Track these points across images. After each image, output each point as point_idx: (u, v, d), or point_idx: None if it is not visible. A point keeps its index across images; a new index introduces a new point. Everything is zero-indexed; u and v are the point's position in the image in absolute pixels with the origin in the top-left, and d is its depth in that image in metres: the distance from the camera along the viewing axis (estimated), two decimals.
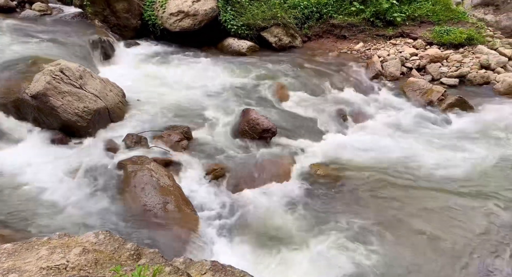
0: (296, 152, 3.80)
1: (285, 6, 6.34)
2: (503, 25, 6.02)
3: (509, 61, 5.38)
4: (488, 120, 4.20)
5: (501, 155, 3.52)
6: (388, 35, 6.22)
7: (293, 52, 6.19)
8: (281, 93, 4.85)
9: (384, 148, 3.80)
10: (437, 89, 4.78)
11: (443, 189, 3.14)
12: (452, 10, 6.25)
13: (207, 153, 3.50)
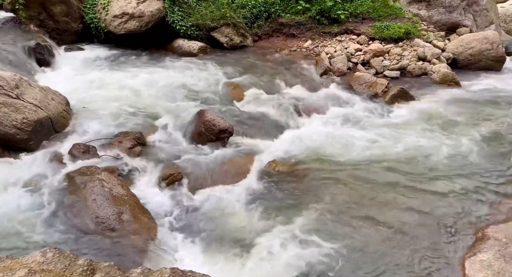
0: (254, 150, 3.82)
1: (234, 6, 6.35)
2: (434, 20, 6.53)
3: (442, 53, 5.84)
4: (427, 108, 4.53)
5: (440, 141, 3.81)
6: (333, 32, 6.48)
7: (245, 51, 6.23)
8: (236, 92, 4.86)
9: (337, 140, 3.95)
10: (381, 82, 5.06)
11: (394, 177, 3.33)
12: (390, 6, 6.65)
13: (163, 158, 3.41)
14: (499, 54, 5.57)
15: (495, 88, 4.98)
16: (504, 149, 3.62)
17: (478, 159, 3.51)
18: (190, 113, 4.05)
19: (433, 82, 5.27)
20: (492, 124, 4.06)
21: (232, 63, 5.56)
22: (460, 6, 6.35)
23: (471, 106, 4.50)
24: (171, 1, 6.01)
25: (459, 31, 6.34)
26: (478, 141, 3.76)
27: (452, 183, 3.16)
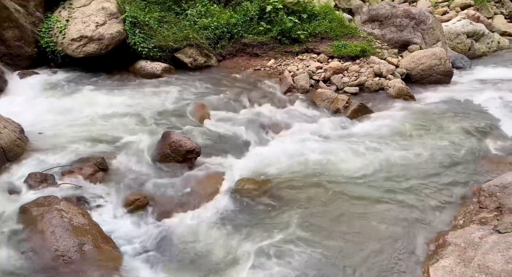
0: (223, 169, 3.80)
1: (196, 27, 6.41)
2: (387, 38, 6.97)
3: (396, 69, 6.21)
4: (385, 121, 4.75)
5: (398, 152, 4.00)
6: (295, 51, 6.70)
7: (210, 71, 6.27)
8: (202, 112, 4.85)
9: (303, 155, 4.03)
10: (341, 98, 5.26)
11: (358, 188, 3.44)
12: (346, 26, 7.02)
13: (127, 183, 3.30)
14: (447, 68, 6.03)
15: (445, 100, 5.35)
16: (457, 157, 3.86)
17: (433, 167, 3.71)
18: (155, 135, 3.97)
19: (389, 96, 5.56)
20: (444, 133, 4.32)
21: (197, 83, 5.57)
22: (409, 25, 6.85)
23: (425, 118, 4.78)
24: (132, 24, 5.96)
25: (410, 48, 6.79)
26: (433, 150, 3.99)
27: (412, 192, 3.31)
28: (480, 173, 3.59)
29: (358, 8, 8.36)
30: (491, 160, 3.82)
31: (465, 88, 5.84)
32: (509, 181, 2.84)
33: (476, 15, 8.15)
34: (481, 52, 7.46)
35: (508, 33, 8.56)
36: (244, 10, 6.67)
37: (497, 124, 4.61)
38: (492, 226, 2.46)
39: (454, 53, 7.09)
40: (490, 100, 5.18)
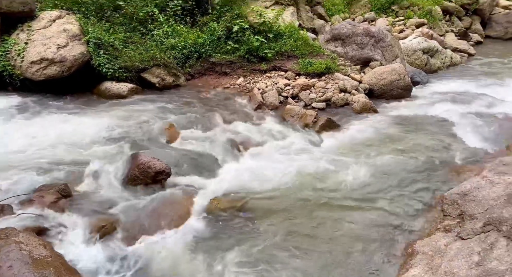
0: (194, 189, 3.74)
1: (163, 47, 6.40)
2: (350, 55, 7.30)
3: (360, 84, 6.49)
4: (351, 134, 4.91)
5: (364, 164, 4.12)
6: (263, 69, 6.84)
7: (178, 90, 6.24)
8: (171, 132, 4.78)
9: (275, 171, 4.05)
10: (310, 113, 5.39)
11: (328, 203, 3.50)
12: (311, 45, 7.28)
13: (93, 209, 3.16)
14: (406, 83, 6.37)
15: (406, 113, 5.63)
16: (420, 168, 4.04)
17: (398, 178, 3.85)
18: (122, 158, 3.86)
19: (354, 111, 5.77)
20: (407, 145, 4.53)
21: (165, 103, 5.51)
22: (369, 43, 7.22)
23: (389, 131, 4.99)
24: (96, 45, 5.87)
25: (371, 65, 7.14)
26: (397, 161, 4.15)
27: (379, 204, 3.41)
28: (442, 182, 3.76)
29: (321, 28, 8.73)
30: (452, 169, 4.03)
31: (424, 101, 6.18)
32: (468, 189, 3.00)
33: (429, 33, 8.75)
34: (437, 67, 7.98)
35: (459, 49, 9.25)
36: (211, 30, 6.77)
37: (455, 134, 4.89)
38: (455, 233, 2.57)
39: (412, 68, 7.53)
40: (448, 112, 5.52)
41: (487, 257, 2.17)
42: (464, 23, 10.60)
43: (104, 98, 5.67)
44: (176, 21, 6.91)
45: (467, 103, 5.94)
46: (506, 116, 5.33)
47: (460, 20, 10.60)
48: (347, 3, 9.96)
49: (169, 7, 6.98)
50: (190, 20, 7.07)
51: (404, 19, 9.56)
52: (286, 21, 7.71)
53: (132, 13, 6.62)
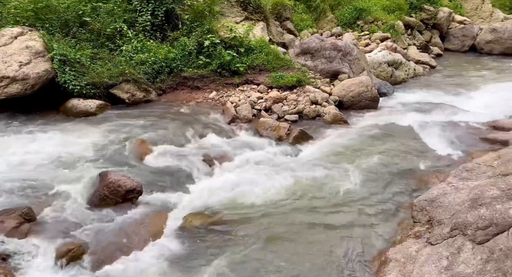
0: (167, 207, 3.66)
1: (133, 63, 6.31)
2: (319, 69, 7.51)
3: (330, 96, 6.66)
4: (323, 145, 5.01)
5: (336, 174, 4.20)
6: (236, 83, 6.88)
7: (150, 106, 6.14)
8: (142, 148, 4.68)
9: (249, 185, 4.05)
10: (283, 126, 5.46)
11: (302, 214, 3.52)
12: (282, 58, 7.43)
13: (59, 233, 3.00)
14: (373, 94, 6.62)
15: (375, 124, 5.80)
16: (390, 176, 4.16)
17: (370, 187, 3.95)
18: (90, 177, 3.72)
19: (326, 122, 5.90)
20: (377, 155, 4.66)
21: (136, 119, 5.40)
22: (337, 57, 7.47)
23: (359, 141, 5.13)
24: (61, 62, 5.68)
25: (340, 77, 7.37)
26: (368, 171, 4.26)
27: (353, 213, 3.47)
28: (412, 190, 3.89)
29: (291, 42, 8.95)
30: (420, 176, 4.19)
31: (391, 112, 6.43)
32: (435, 195, 3.12)
33: (393, 46, 9.19)
34: (401, 79, 8.36)
35: (421, 61, 9.75)
36: (182, 45, 6.76)
37: (421, 143, 5.10)
38: (425, 239, 2.65)
39: (379, 80, 7.84)
40: (414, 121, 5.75)
41: (455, 261, 2.25)
42: (425, 37, 11.24)
43: (71, 116, 5.48)
44: (146, 36, 6.86)
45: (431, 113, 6.24)
46: (467, 124, 5.64)
47: (421, 34, 11.23)
48: (314, 19, 10.31)
49: (138, 22, 6.93)
50: (160, 35, 7.04)
51: (369, 34, 10.00)
52: (256, 36, 7.85)
53: (99, 29, 6.50)
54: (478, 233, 2.37)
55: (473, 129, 5.46)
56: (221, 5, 7.90)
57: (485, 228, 2.35)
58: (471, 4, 13.07)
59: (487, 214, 2.43)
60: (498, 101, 6.56)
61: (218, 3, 7.77)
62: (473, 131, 5.40)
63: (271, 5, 9.00)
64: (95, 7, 6.69)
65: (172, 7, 7.09)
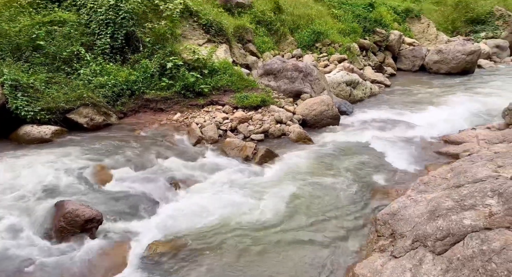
0: (130, 234, 3.50)
1: (91, 86, 6.12)
2: (282, 89, 7.71)
3: (294, 115, 6.83)
4: (290, 163, 5.07)
5: (303, 192, 4.26)
6: (200, 104, 6.87)
7: (110, 129, 5.93)
8: (102, 174, 4.47)
9: (216, 208, 3.97)
10: (249, 145, 5.48)
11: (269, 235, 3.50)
12: (246, 79, 7.56)
13: (9, 270, 2.75)
14: (334, 113, 6.87)
15: (337, 141, 6.01)
16: (353, 192, 4.28)
17: (334, 204, 4.02)
18: (45, 208, 3.49)
19: (291, 140, 6.01)
20: (340, 171, 4.79)
21: (95, 144, 5.18)
22: (299, 77, 7.73)
23: (322, 158, 5.27)
24: (12, 87, 5.39)
25: (302, 97, 7.60)
26: (333, 187, 4.36)
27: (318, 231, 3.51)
28: (375, 204, 4.02)
29: (254, 63, 9.16)
30: (382, 190, 4.34)
31: (352, 129, 6.69)
32: (396, 208, 3.23)
33: (350, 67, 9.68)
34: (359, 98, 8.78)
35: (376, 81, 10.33)
36: (143, 67, 6.69)
37: (381, 158, 5.33)
38: (389, 252, 2.72)
39: (339, 99, 8.17)
40: (373, 138, 6.02)
41: (417, 273, 2.32)
42: (379, 58, 11.98)
43: (24, 143, 5.15)
44: (105, 59, 6.72)
45: (388, 129, 6.57)
46: (421, 139, 5.98)
47: (375, 55, 11.96)
48: (275, 41, 10.66)
49: (96, 45, 6.79)
50: (120, 58, 6.93)
51: (327, 55, 10.49)
52: (220, 57, 7.96)
53: (55, 53, 6.28)
54: (437, 244, 2.47)
55: (427, 144, 5.80)
56: (183, 28, 7.96)
57: (443, 239, 2.46)
58: (418, 28, 14.21)
59: (444, 225, 2.55)
60: (448, 117, 7.06)
61: (180, 26, 7.83)
62: (427, 145, 5.74)
63: (233, 28, 9.21)
64: (50, 31, 6.49)
65: (133, 30, 7.04)
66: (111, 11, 6.89)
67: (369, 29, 12.21)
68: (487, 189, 2.70)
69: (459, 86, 9.86)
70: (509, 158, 3.39)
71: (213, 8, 9.40)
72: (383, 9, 13.26)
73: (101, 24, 6.86)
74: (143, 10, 7.29)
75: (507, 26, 14.45)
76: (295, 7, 11.57)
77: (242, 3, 10.34)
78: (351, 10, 12.75)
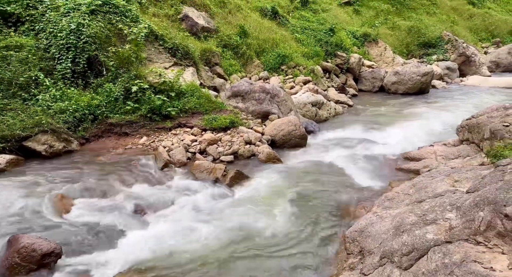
0: (93, 268, 3.30)
1: (51, 112, 5.86)
2: (251, 110, 7.82)
3: (262, 136, 6.89)
4: (260, 184, 5.07)
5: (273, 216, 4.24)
6: (168, 127, 6.77)
7: (71, 156, 5.66)
8: (62, 204, 4.23)
9: (186, 233, 3.88)
10: (219, 167, 5.44)
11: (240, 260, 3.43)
12: (213, 101, 7.58)
13: None
14: (301, 133, 7.02)
15: (305, 160, 6.13)
16: (322, 211, 4.33)
17: (304, 223, 4.04)
18: None
19: (260, 161, 6.04)
20: (309, 190, 4.86)
21: (55, 172, 4.91)
22: (266, 99, 7.89)
23: (292, 178, 5.32)
24: None
25: (270, 118, 7.73)
26: (302, 207, 4.39)
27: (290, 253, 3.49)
28: (343, 222, 4.07)
29: (222, 86, 9.24)
30: (349, 208, 4.42)
31: (319, 148, 6.85)
32: (364, 225, 3.30)
33: (315, 88, 10.04)
34: (325, 117, 9.07)
35: (340, 101, 10.76)
36: (107, 91, 6.53)
37: (347, 176, 5.47)
38: (359, 270, 2.74)
39: (305, 119, 8.39)
40: (339, 156, 6.20)
41: None
42: (341, 79, 12.54)
43: None
44: (66, 84, 6.50)
45: (353, 147, 6.79)
46: (384, 156, 6.23)
47: (338, 77, 12.51)
48: (242, 64, 10.88)
49: (56, 70, 6.58)
50: (82, 82, 6.73)
51: (293, 77, 10.83)
52: (187, 80, 7.96)
53: (10, 78, 6.00)
54: (403, 259, 2.53)
55: (389, 161, 6.04)
56: (148, 52, 7.93)
57: (408, 254, 2.53)
58: (376, 51, 15.11)
59: (408, 240, 2.62)
60: (407, 134, 7.44)
61: (145, 49, 7.80)
62: (389, 162, 5.98)
63: (199, 51, 9.30)
64: (5, 56, 6.21)
65: (96, 54, 6.90)
66: (73, 36, 6.75)
67: (331, 53, 12.81)
68: (446, 203, 2.83)
69: (416, 105, 10.49)
70: (464, 173, 3.60)
71: (179, 32, 9.49)
72: (343, 34, 14.02)
73: (62, 48, 6.68)
74: (106, 34, 7.20)
75: (455, 49, 15.75)
76: (260, 32, 11.95)
77: (207, 27, 10.53)
78: (313, 34, 13.37)
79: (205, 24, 10.47)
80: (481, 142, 4.77)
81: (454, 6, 21.61)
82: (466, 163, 4.47)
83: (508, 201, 2.17)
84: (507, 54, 16.96)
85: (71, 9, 7.13)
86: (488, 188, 2.48)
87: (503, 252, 2.02)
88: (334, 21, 15.14)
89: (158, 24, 8.81)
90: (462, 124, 5.62)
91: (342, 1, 18.23)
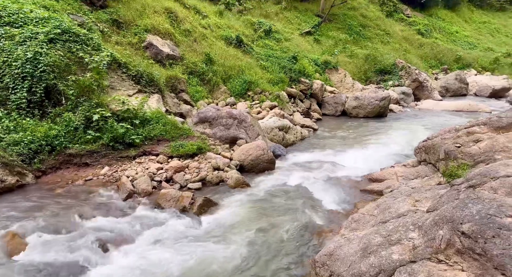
0: None
1: (3, 144, 5.48)
2: (218, 135, 7.80)
3: (231, 161, 6.86)
4: (228, 212, 4.99)
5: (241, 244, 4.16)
6: (131, 155, 6.55)
7: (25, 191, 5.27)
8: (14, 243, 3.90)
9: (152, 267, 3.68)
10: (186, 195, 5.29)
11: None
12: (180, 128, 7.49)
13: None
14: (270, 157, 7.08)
15: (274, 184, 6.14)
16: (290, 236, 4.31)
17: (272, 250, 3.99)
18: None
19: (229, 187, 5.97)
20: (277, 216, 4.84)
21: (5, 209, 4.55)
22: (234, 124, 7.93)
23: (260, 203, 5.29)
24: None
25: (238, 143, 7.75)
26: (271, 234, 4.35)
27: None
28: (312, 246, 4.07)
29: (188, 112, 9.19)
30: (318, 232, 4.44)
31: (287, 172, 6.91)
32: (332, 249, 3.31)
33: (281, 113, 10.28)
34: (291, 141, 9.24)
35: (305, 125, 11.06)
36: (66, 121, 6.26)
37: (314, 199, 5.53)
38: None
39: (273, 143, 8.50)
40: (306, 180, 6.28)
41: None
42: (305, 104, 12.96)
43: None
44: (21, 114, 6.16)
45: (319, 170, 6.93)
46: (348, 178, 6.40)
47: (302, 102, 12.93)
48: (209, 90, 10.96)
49: (10, 100, 6.24)
50: (39, 112, 6.41)
51: (259, 102, 11.03)
52: (152, 107, 7.84)
53: None
54: None
55: (354, 182, 6.21)
56: (110, 79, 7.78)
57: (376, 276, 2.56)
58: (337, 77, 15.89)
59: (375, 261, 2.66)
60: (370, 157, 7.73)
61: (107, 77, 7.64)
62: (354, 184, 6.14)
63: (165, 78, 9.27)
64: None
65: (54, 83, 6.65)
66: (29, 65, 6.49)
67: (294, 79, 13.28)
68: (408, 223, 2.93)
69: (376, 128, 11.01)
70: (424, 192, 3.77)
71: (143, 60, 9.44)
72: (305, 61, 14.65)
73: (17, 78, 6.38)
74: (66, 63, 7.00)
75: (409, 75, 16.94)
76: (225, 59, 12.19)
77: (173, 55, 10.58)
78: (277, 62, 13.85)
79: (170, 52, 10.52)
80: (437, 163, 5.06)
81: (405, 36, 23.46)
82: (425, 182, 4.70)
83: (464, 219, 2.28)
84: (455, 80, 18.51)
85: (28, 38, 6.90)
86: (446, 207, 2.60)
87: (462, 269, 2.10)
88: (296, 49, 15.83)
89: (121, 52, 8.73)
90: (419, 145, 5.93)
91: (303, 31, 19.21)
